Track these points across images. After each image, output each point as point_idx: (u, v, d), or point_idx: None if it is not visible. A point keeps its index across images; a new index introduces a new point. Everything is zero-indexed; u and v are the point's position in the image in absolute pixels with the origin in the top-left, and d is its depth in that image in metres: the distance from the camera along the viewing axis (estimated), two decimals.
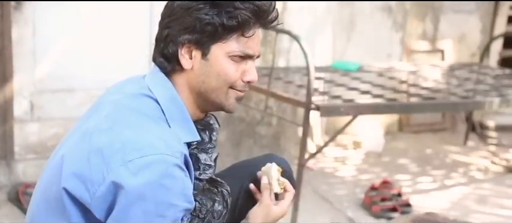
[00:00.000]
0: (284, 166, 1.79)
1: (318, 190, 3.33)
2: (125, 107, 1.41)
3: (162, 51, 1.42)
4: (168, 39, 1.41)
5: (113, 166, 1.29)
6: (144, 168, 1.29)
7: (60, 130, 3.17)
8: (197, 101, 1.46)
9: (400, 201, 3.16)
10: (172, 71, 1.43)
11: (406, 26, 4.47)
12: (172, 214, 1.34)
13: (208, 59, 1.41)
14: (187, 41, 1.40)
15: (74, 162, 1.35)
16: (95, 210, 1.32)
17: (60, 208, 1.36)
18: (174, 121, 1.41)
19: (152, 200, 1.30)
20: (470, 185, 3.64)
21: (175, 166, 1.33)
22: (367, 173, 3.72)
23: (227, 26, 1.38)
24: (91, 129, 1.37)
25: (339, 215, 3.10)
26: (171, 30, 1.40)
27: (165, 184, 1.30)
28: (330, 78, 3.47)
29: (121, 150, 1.30)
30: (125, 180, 1.28)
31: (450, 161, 4.05)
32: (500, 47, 4.90)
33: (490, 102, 3.31)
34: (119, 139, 1.32)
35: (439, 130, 4.65)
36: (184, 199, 1.35)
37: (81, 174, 1.32)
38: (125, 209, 1.29)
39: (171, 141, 1.36)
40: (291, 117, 3.71)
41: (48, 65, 3.22)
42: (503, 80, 3.87)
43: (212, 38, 1.40)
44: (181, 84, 1.44)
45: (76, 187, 1.33)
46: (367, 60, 4.02)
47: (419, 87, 3.51)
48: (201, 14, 1.38)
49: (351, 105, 2.90)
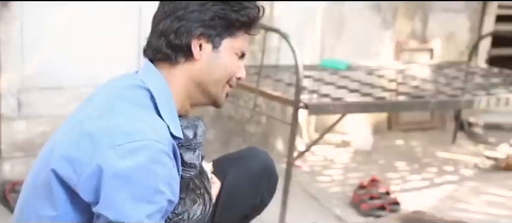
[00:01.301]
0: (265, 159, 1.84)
1: (306, 189, 3.33)
2: (116, 96, 1.46)
3: (172, 42, 1.47)
4: (181, 31, 1.46)
5: (101, 149, 1.33)
6: (132, 153, 1.32)
7: (47, 128, 3.15)
8: (193, 92, 1.51)
9: (389, 199, 3.17)
10: (175, 63, 1.48)
11: (395, 25, 4.47)
12: (160, 201, 1.36)
13: (218, 51, 1.50)
14: (201, 33, 1.47)
15: (63, 146, 1.39)
16: (81, 191, 1.36)
17: (48, 192, 1.40)
18: (163, 113, 1.45)
19: (139, 184, 1.32)
20: (458, 183, 3.66)
21: (163, 153, 1.36)
22: (356, 171, 3.73)
23: (240, 22, 1.48)
24: (82, 118, 1.42)
25: (327, 213, 3.10)
26: (186, 23, 1.46)
27: (153, 169, 1.33)
28: (319, 77, 3.48)
29: (110, 135, 1.34)
30: (113, 163, 1.32)
31: (439, 159, 4.06)
32: (489, 45, 4.92)
33: (478, 101, 3.33)
34: (108, 125, 1.37)
35: (428, 129, 4.67)
36: (170, 188, 1.38)
37: (70, 156, 1.36)
38: (113, 192, 1.32)
39: (160, 129, 1.40)
40: (280, 115, 3.71)
41: (36, 63, 3.20)
42: (492, 78, 3.90)
43: (225, 32, 1.49)
44: (180, 75, 1.49)
45: (64, 168, 1.37)
46: (356, 59, 4.03)
47: (408, 85, 3.52)
48: (217, 8, 1.47)
49: (340, 104, 2.91)
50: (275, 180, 1.90)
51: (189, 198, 1.56)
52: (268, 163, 1.87)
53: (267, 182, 1.86)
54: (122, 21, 3.32)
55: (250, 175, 1.75)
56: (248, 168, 1.77)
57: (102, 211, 1.34)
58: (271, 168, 1.87)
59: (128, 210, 1.32)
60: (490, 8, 4.83)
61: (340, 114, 3.04)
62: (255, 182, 1.78)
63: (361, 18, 4.30)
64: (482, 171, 3.89)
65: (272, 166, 1.88)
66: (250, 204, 1.82)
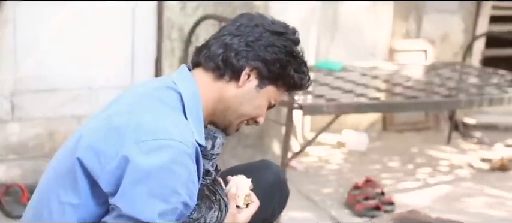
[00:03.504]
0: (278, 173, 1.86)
1: (301, 189, 3.33)
2: (147, 94, 1.49)
3: (229, 59, 1.50)
4: (242, 54, 1.50)
5: (127, 143, 1.36)
6: (155, 150, 1.35)
7: (41, 130, 3.14)
8: (217, 111, 1.54)
9: (383, 199, 3.17)
10: (220, 78, 1.52)
11: (389, 26, 4.48)
12: (175, 202, 1.38)
13: (260, 91, 1.54)
14: (257, 67, 1.51)
15: (91, 138, 1.42)
16: (102, 182, 1.38)
17: (72, 180, 1.42)
18: (191, 118, 1.48)
19: (158, 182, 1.35)
20: (453, 183, 3.66)
21: (186, 155, 1.38)
22: (351, 172, 3.73)
23: (293, 81, 1.55)
24: (111, 113, 1.46)
25: (322, 214, 3.10)
26: (251, 51, 1.50)
27: (174, 169, 1.36)
28: (313, 78, 3.46)
29: (136, 130, 1.37)
30: (136, 157, 1.34)
31: (433, 160, 4.07)
32: (483, 46, 4.93)
33: (472, 101, 3.34)
34: (136, 120, 1.40)
35: (423, 130, 4.67)
36: (187, 192, 1.40)
37: (97, 147, 1.39)
38: (131, 185, 1.35)
39: (186, 131, 1.43)
40: (275, 116, 3.70)
41: (29, 65, 3.19)
42: (486, 79, 3.90)
43: (275, 80, 1.54)
44: (216, 90, 1.52)
45: (89, 158, 1.39)
46: (350, 60, 4.03)
47: (402, 86, 3.52)
48: (283, 57, 1.52)
49: (334, 104, 2.91)
50: (286, 193, 1.92)
51: (205, 204, 1.57)
52: (280, 176, 1.89)
53: (279, 195, 1.88)
54: (115, 23, 3.32)
55: (263, 188, 1.75)
56: (260, 180, 1.76)
57: (117, 203, 1.36)
58: (283, 181, 1.90)
59: (142, 205, 1.35)
60: (484, 9, 4.83)
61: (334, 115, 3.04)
62: (267, 195, 1.78)
63: (355, 20, 4.30)
64: (476, 172, 3.89)
65: (284, 180, 1.91)
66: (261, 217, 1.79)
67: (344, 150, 4.12)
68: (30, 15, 3.12)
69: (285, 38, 1.53)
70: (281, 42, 1.52)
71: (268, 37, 1.52)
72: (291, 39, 1.54)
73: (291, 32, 1.55)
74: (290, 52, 1.53)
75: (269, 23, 1.54)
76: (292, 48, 1.54)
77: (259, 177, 1.77)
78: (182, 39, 3.48)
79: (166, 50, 3.43)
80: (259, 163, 1.91)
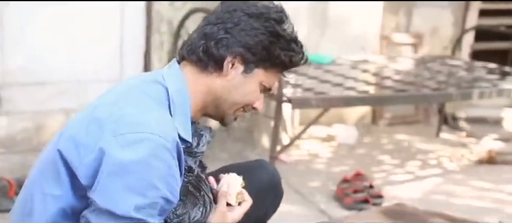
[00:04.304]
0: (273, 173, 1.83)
1: (290, 183, 3.33)
2: (133, 88, 1.48)
3: (210, 49, 1.47)
4: (222, 42, 1.46)
5: (105, 136, 1.34)
6: (133, 144, 1.33)
7: (29, 124, 3.13)
8: (208, 103, 1.51)
9: (372, 192, 3.18)
10: (204, 70, 1.48)
11: (379, 19, 4.48)
12: (153, 196, 1.35)
13: (247, 77, 1.49)
14: (239, 54, 1.47)
15: (73, 129, 1.41)
16: (80, 175, 1.37)
17: (55, 171, 1.41)
18: (176, 113, 1.46)
19: (135, 175, 1.33)
20: (442, 176, 3.68)
21: (165, 149, 1.35)
22: (340, 165, 3.73)
23: (280, 60, 1.48)
24: (96, 104, 1.45)
25: (311, 207, 3.11)
26: (231, 37, 1.46)
27: (151, 163, 1.33)
28: (303, 71, 3.47)
29: (116, 122, 1.36)
30: (112, 150, 1.33)
31: (423, 153, 4.08)
32: (472, 40, 4.95)
33: (461, 95, 3.35)
34: (119, 112, 1.38)
35: (412, 123, 4.69)
36: (167, 186, 1.37)
37: (77, 139, 1.38)
38: (107, 178, 1.33)
39: (167, 126, 1.40)
40: (265, 109, 3.70)
41: (17, 58, 3.18)
42: (475, 72, 3.92)
43: (261, 63, 1.48)
44: (203, 83, 1.49)
45: (69, 150, 1.38)
46: (340, 53, 4.03)
47: (392, 79, 3.53)
48: (265, 38, 1.46)
49: (322, 98, 2.91)
50: (280, 195, 1.90)
51: (190, 201, 1.55)
52: (275, 177, 1.87)
53: (273, 196, 1.86)
54: (104, 16, 3.31)
55: (257, 188, 1.72)
56: (255, 180, 1.74)
57: (94, 196, 1.35)
58: (277, 182, 1.87)
59: (117, 198, 1.33)
60: (473, 3, 4.85)
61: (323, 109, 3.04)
62: (261, 195, 1.76)
63: (345, 13, 4.30)
64: (465, 165, 3.91)
65: (279, 181, 1.88)
66: (253, 217, 1.79)
67: (333, 143, 4.13)
68: (18, 10, 3.10)
69: (266, 18, 1.47)
70: (261, 23, 1.47)
71: (247, 20, 1.46)
72: (273, 18, 1.48)
73: (273, 11, 1.49)
74: (273, 32, 1.47)
75: (248, 5, 1.48)
76: (274, 27, 1.47)
77: (253, 176, 1.75)
78: (171, 32, 3.47)
79: (155, 44, 3.42)
80: (254, 163, 1.89)
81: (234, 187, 1.64)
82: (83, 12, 3.24)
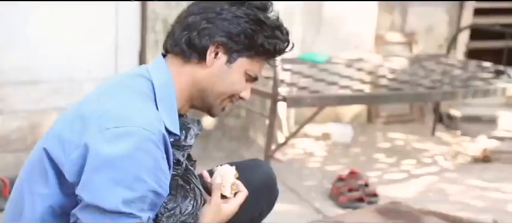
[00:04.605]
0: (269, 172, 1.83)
1: (285, 182, 3.33)
2: (117, 83, 1.47)
3: (192, 40, 1.45)
4: (204, 32, 1.45)
5: (90, 132, 1.33)
6: (118, 138, 1.32)
7: (23, 123, 3.12)
8: (194, 95, 1.50)
9: (367, 191, 3.18)
10: (188, 61, 1.47)
11: (374, 18, 4.49)
12: (141, 190, 1.34)
13: (231, 66, 1.48)
14: (222, 43, 1.45)
15: (59, 127, 1.41)
16: (67, 172, 1.36)
17: (42, 170, 1.41)
18: (162, 106, 1.45)
19: (120, 170, 1.32)
20: (437, 175, 3.68)
21: (151, 142, 1.34)
22: (335, 164, 3.74)
23: (264, 48, 1.47)
24: (82, 101, 1.44)
25: (306, 206, 3.11)
26: (213, 27, 1.44)
27: (137, 156, 1.32)
28: (298, 70, 3.48)
29: (101, 118, 1.35)
30: (97, 145, 1.32)
31: (418, 151, 4.09)
32: (467, 38, 4.96)
33: (456, 93, 3.36)
34: (102, 108, 1.37)
35: (408, 121, 4.69)
36: (155, 179, 1.36)
37: (62, 136, 1.38)
38: (93, 173, 1.32)
39: (152, 118, 1.39)
40: (260, 109, 3.70)
41: (11, 57, 3.16)
42: (470, 71, 3.92)
43: (245, 52, 1.47)
44: (187, 75, 1.48)
45: (55, 148, 1.38)
46: (335, 52, 4.03)
47: (387, 78, 3.54)
48: (247, 26, 1.44)
49: (317, 96, 2.91)
50: (276, 194, 1.89)
51: (180, 194, 1.54)
52: (270, 176, 1.86)
53: (268, 195, 1.85)
54: (98, 15, 3.29)
55: (252, 187, 1.69)
56: (250, 179, 1.72)
57: (80, 192, 1.34)
58: (273, 181, 1.86)
59: (104, 193, 1.32)
60: (468, 2, 4.86)
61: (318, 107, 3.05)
62: (257, 194, 1.75)
63: (340, 12, 4.30)
64: (460, 163, 3.92)
65: (274, 180, 1.87)
66: (248, 216, 1.79)
67: (329, 142, 4.13)
68: (11, 8, 3.08)
69: (248, 6, 1.45)
70: (243, 11, 1.45)
71: (230, 9, 1.45)
72: (256, 6, 1.46)
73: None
74: (255, 20, 1.45)
75: None
76: (257, 15, 1.45)
77: (249, 176, 1.74)
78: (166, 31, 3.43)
79: (150, 43, 3.41)
80: (249, 162, 1.87)
81: (227, 178, 1.63)
82: (78, 11, 3.23)
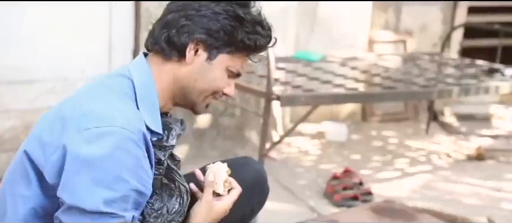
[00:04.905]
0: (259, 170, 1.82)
1: (280, 180, 3.34)
2: (98, 83, 1.47)
3: (171, 37, 1.45)
4: (183, 30, 1.44)
5: (69, 132, 1.33)
6: (97, 138, 1.31)
7: (17, 122, 3.11)
8: (176, 93, 1.49)
9: (362, 189, 3.19)
10: (168, 59, 1.46)
11: (368, 17, 4.49)
12: (122, 189, 1.33)
13: (211, 63, 1.47)
14: (201, 40, 1.45)
15: (39, 128, 1.40)
16: (47, 174, 1.36)
17: (24, 171, 1.41)
18: (143, 105, 1.44)
19: (101, 170, 1.31)
20: (431, 173, 3.69)
21: (131, 141, 1.34)
22: (330, 162, 3.74)
23: (244, 44, 1.46)
24: (62, 103, 1.44)
25: (301, 204, 3.11)
26: (192, 24, 1.44)
27: (117, 156, 1.32)
28: (292, 69, 3.48)
29: (80, 118, 1.34)
30: (77, 146, 1.31)
31: (412, 150, 4.10)
32: (461, 37, 4.98)
33: (450, 91, 3.36)
34: (82, 108, 1.37)
35: (402, 120, 4.70)
36: (136, 178, 1.35)
37: (42, 137, 1.37)
38: (73, 175, 1.31)
39: (132, 117, 1.38)
40: (255, 107, 3.70)
41: (4, 56, 3.14)
42: (464, 69, 3.93)
43: (225, 48, 1.46)
44: (168, 73, 1.47)
45: (35, 150, 1.38)
46: (330, 51, 4.04)
47: (381, 76, 3.54)
48: (227, 23, 1.43)
49: (311, 95, 2.91)
50: (266, 191, 1.88)
51: (165, 193, 1.53)
52: (261, 174, 1.85)
53: (259, 193, 1.84)
54: (92, 14, 3.28)
55: (243, 185, 1.67)
56: (241, 177, 1.70)
57: (61, 194, 1.33)
58: (263, 179, 1.85)
59: (84, 193, 1.31)
60: (461, 0, 4.88)
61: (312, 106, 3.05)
62: (247, 192, 1.73)
63: (335, 10, 4.31)
64: (454, 161, 3.93)
65: (264, 178, 1.86)
66: (240, 214, 1.78)
67: (323, 140, 4.13)
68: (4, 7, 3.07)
69: (227, 2, 1.44)
70: (222, 7, 1.44)
71: (209, 5, 1.44)
72: (235, 2, 1.45)
73: None
74: (234, 16, 1.44)
75: None
76: (236, 11, 1.44)
77: (239, 173, 1.72)
78: None
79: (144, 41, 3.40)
80: (239, 160, 1.86)
81: (219, 175, 1.62)
82: (71, 11, 3.22)
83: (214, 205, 1.59)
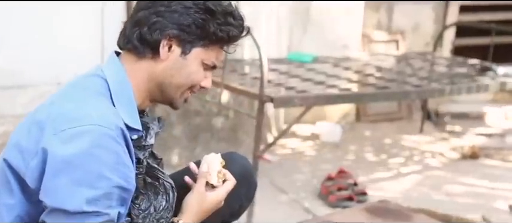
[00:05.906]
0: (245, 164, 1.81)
1: (274, 182, 3.33)
2: (72, 85, 1.46)
3: (143, 35, 1.44)
4: (155, 26, 1.44)
5: (46, 136, 1.32)
6: (74, 137, 1.31)
7: (10, 127, 3.09)
8: (152, 90, 1.49)
9: (356, 190, 3.19)
10: (142, 57, 1.46)
11: (361, 17, 4.50)
12: (105, 187, 1.33)
13: (186, 58, 1.46)
14: (174, 35, 1.44)
15: (16, 136, 1.40)
16: (28, 180, 1.36)
17: (5, 180, 1.40)
18: (119, 102, 1.44)
19: (80, 169, 1.30)
20: (425, 172, 3.70)
21: (109, 137, 1.33)
22: (324, 163, 3.74)
23: (217, 37, 1.45)
24: (37, 108, 1.43)
25: (296, 206, 3.11)
26: (163, 20, 1.43)
27: (95, 153, 1.31)
28: (285, 70, 3.47)
29: (56, 120, 1.34)
30: (54, 148, 1.31)
31: (406, 149, 4.10)
32: (453, 36, 4.99)
33: (443, 91, 3.36)
34: (57, 111, 1.36)
35: (396, 119, 4.71)
36: (118, 174, 1.34)
37: (20, 144, 1.37)
38: (53, 177, 1.31)
39: (109, 114, 1.37)
40: (249, 109, 3.70)
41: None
42: (456, 68, 3.94)
43: (198, 42, 1.46)
44: (142, 70, 1.47)
45: (14, 157, 1.37)
46: (322, 52, 4.04)
47: (374, 76, 3.54)
48: (198, 16, 1.43)
49: (305, 96, 2.90)
50: (254, 186, 1.88)
51: (151, 191, 1.53)
52: (247, 168, 1.84)
53: (246, 188, 1.83)
54: (84, 17, 3.28)
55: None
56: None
57: (43, 198, 1.33)
58: (250, 173, 1.85)
59: (66, 195, 1.30)
60: None
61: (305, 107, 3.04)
62: (234, 188, 1.71)
63: (327, 11, 4.31)
64: (448, 160, 3.94)
65: (251, 172, 1.86)
66: (228, 210, 1.77)
67: (318, 141, 4.13)
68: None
69: None
70: (192, 1, 1.44)
71: (179, 1, 1.44)
72: None
73: None
74: (205, 9, 1.44)
75: None
76: (206, 4, 1.44)
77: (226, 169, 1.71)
78: None
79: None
80: (225, 155, 1.81)
81: (213, 166, 1.61)
82: (63, 13, 3.21)
83: (207, 197, 1.59)
